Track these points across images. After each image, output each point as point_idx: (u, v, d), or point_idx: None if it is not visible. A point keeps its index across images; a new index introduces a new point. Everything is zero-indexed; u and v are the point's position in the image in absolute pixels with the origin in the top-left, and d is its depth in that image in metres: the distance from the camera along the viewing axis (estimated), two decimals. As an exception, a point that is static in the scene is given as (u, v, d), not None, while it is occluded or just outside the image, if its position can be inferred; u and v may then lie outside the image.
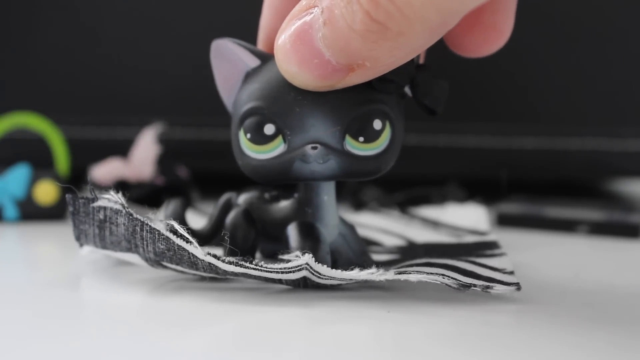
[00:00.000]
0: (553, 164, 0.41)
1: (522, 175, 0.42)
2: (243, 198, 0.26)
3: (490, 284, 0.22)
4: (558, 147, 0.41)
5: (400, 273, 0.22)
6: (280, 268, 0.22)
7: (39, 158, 0.38)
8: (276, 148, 0.22)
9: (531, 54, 0.41)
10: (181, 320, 0.21)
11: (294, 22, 0.21)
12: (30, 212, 0.35)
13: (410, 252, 0.28)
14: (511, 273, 0.24)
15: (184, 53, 0.42)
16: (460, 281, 0.22)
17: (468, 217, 0.34)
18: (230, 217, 0.25)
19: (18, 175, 0.35)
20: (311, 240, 0.23)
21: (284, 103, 0.22)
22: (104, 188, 0.26)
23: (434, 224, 0.33)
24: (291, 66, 0.21)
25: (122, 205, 0.23)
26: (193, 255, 0.22)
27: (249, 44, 0.24)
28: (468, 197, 0.38)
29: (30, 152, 0.39)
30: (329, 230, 0.24)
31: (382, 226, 0.33)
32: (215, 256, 0.22)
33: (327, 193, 0.24)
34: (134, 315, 0.21)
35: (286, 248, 0.23)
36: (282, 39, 0.21)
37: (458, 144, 0.42)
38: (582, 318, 0.21)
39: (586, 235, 0.34)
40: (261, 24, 0.25)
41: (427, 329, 0.20)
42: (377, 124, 0.22)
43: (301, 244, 0.23)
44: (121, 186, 0.37)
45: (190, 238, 0.22)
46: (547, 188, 0.45)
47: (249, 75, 0.23)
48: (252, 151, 0.23)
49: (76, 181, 0.31)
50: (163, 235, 0.22)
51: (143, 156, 0.39)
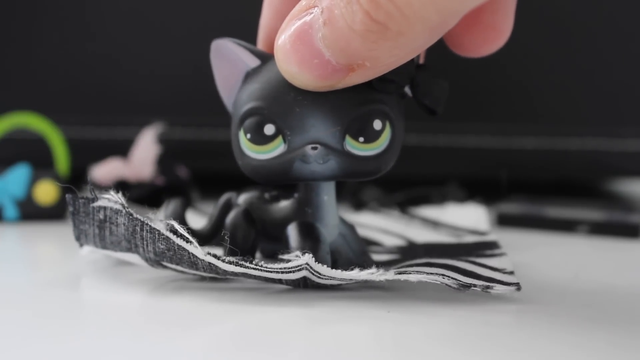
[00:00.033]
0: (553, 164, 0.41)
1: (522, 175, 0.41)
2: (243, 198, 0.26)
3: (490, 284, 0.22)
4: (558, 147, 0.41)
5: (400, 273, 0.22)
6: (280, 268, 0.22)
7: (39, 158, 0.38)
8: (276, 148, 0.22)
9: (531, 54, 0.41)
10: (181, 320, 0.21)
11: (294, 22, 0.21)
12: (30, 212, 0.35)
13: (410, 252, 0.28)
14: (511, 273, 0.24)
15: (184, 53, 0.42)
16: (460, 281, 0.22)
17: (468, 217, 0.34)
18: (230, 217, 0.25)
19: (18, 175, 0.35)
20: (311, 240, 0.23)
21: (284, 103, 0.22)
22: (104, 188, 0.26)
23: (434, 224, 0.33)
24: (291, 66, 0.21)
25: (122, 205, 0.23)
26: (193, 255, 0.22)
27: (249, 44, 0.24)
28: (468, 197, 0.38)
29: (30, 152, 0.39)
30: (329, 230, 0.24)
31: (382, 226, 0.33)
32: (215, 256, 0.22)
33: (327, 193, 0.24)
34: (134, 315, 0.21)
35: (286, 248, 0.23)
36: (282, 39, 0.21)
37: (458, 144, 0.42)
38: (582, 318, 0.21)
39: (586, 235, 0.34)
40: (261, 24, 0.25)
41: (427, 329, 0.20)
42: (377, 124, 0.22)
43: (301, 244, 0.23)
44: (121, 186, 0.37)
45: (190, 238, 0.22)
46: (547, 188, 0.45)
47: (249, 75, 0.23)
48: (252, 151, 0.23)
49: (76, 181, 0.31)
50: (163, 235, 0.22)
51: (143, 156, 0.39)
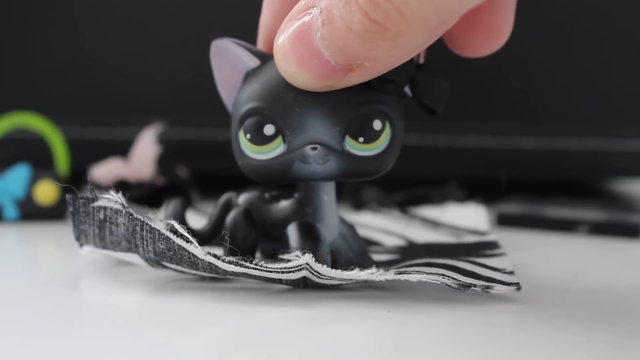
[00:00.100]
0: (553, 164, 0.41)
1: (522, 175, 0.41)
2: (243, 198, 0.26)
3: (490, 284, 0.22)
4: (558, 147, 0.41)
5: (400, 273, 0.22)
6: (280, 268, 0.22)
7: (39, 158, 0.38)
8: (276, 148, 0.22)
9: (531, 54, 0.41)
10: (181, 320, 0.21)
11: (293, 23, 0.21)
12: (30, 212, 0.35)
13: (410, 252, 0.28)
14: (511, 273, 0.24)
15: (184, 53, 0.42)
16: (460, 281, 0.22)
17: (468, 217, 0.34)
18: (230, 217, 0.25)
19: (18, 175, 0.35)
20: (311, 240, 0.23)
21: (284, 103, 0.22)
22: (104, 188, 0.26)
23: (434, 224, 0.33)
24: (290, 66, 0.21)
25: (122, 205, 0.23)
26: (193, 255, 0.22)
27: (249, 44, 0.24)
28: (468, 197, 0.38)
29: (30, 152, 0.39)
30: (329, 230, 0.24)
31: (382, 226, 0.33)
32: (215, 256, 0.22)
33: (327, 193, 0.24)
34: (134, 315, 0.21)
35: (286, 248, 0.23)
36: (281, 40, 0.21)
37: (458, 144, 0.42)
38: (582, 318, 0.21)
39: (586, 235, 0.34)
40: (261, 24, 0.25)
41: (427, 329, 0.20)
42: (377, 124, 0.22)
43: (301, 244, 0.23)
44: (121, 186, 0.37)
45: (190, 238, 0.22)
46: (547, 188, 0.45)
47: (249, 75, 0.23)
48: (252, 151, 0.23)
49: (76, 181, 0.31)
50: (163, 235, 0.22)
51: (143, 156, 0.39)
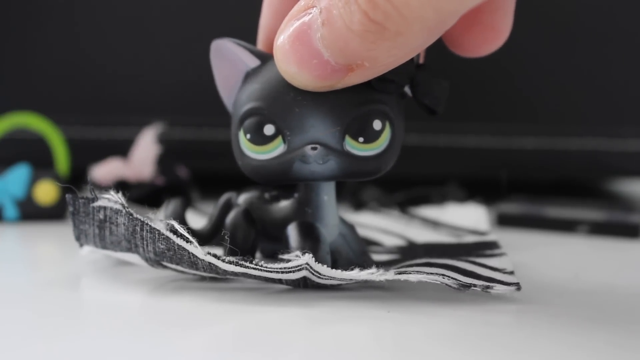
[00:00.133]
0: (553, 164, 0.41)
1: (522, 175, 0.41)
2: (243, 198, 0.26)
3: (490, 284, 0.22)
4: (558, 147, 0.41)
5: (400, 273, 0.22)
6: (280, 268, 0.22)
7: (39, 158, 0.38)
8: (276, 148, 0.22)
9: (531, 54, 0.41)
10: (181, 320, 0.21)
11: (293, 23, 0.21)
12: (30, 212, 0.35)
13: (410, 252, 0.28)
14: (511, 273, 0.24)
15: (184, 53, 0.42)
16: (460, 281, 0.22)
17: (468, 217, 0.34)
18: (230, 217, 0.25)
19: (18, 175, 0.35)
20: (311, 240, 0.23)
21: (284, 103, 0.22)
22: (104, 188, 0.26)
23: (434, 224, 0.33)
24: (290, 66, 0.21)
25: (122, 205, 0.23)
26: (193, 255, 0.22)
27: (249, 44, 0.24)
28: (468, 197, 0.38)
29: (30, 152, 0.39)
30: (329, 230, 0.24)
31: (382, 226, 0.33)
32: (215, 256, 0.22)
33: (327, 193, 0.24)
34: (134, 315, 0.21)
35: (286, 248, 0.23)
36: (281, 40, 0.21)
37: (458, 144, 0.42)
38: (582, 318, 0.21)
39: (586, 235, 0.34)
40: (261, 24, 0.25)
41: (427, 329, 0.20)
42: (377, 124, 0.22)
43: (301, 244, 0.23)
44: (121, 186, 0.37)
45: (190, 238, 0.22)
46: (547, 188, 0.45)
47: (249, 75, 0.23)
48: (252, 152, 0.23)
49: (76, 181, 0.31)
50: (163, 235, 0.22)
51: (143, 156, 0.39)
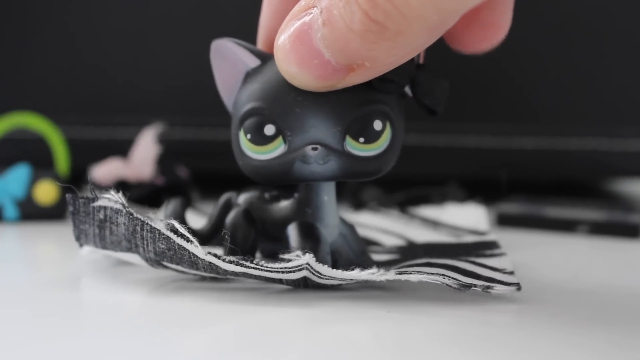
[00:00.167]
0: (553, 164, 0.41)
1: (522, 175, 0.41)
2: (243, 198, 0.26)
3: (490, 284, 0.22)
4: (558, 147, 0.41)
5: (401, 273, 0.22)
6: (281, 268, 0.22)
7: (39, 158, 0.38)
8: (276, 149, 0.22)
9: (531, 54, 0.41)
10: (181, 320, 0.21)
11: (293, 23, 0.21)
12: (30, 212, 0.35)
13: (410, 252, 0.28)
14: (511, 273, 0.24)
15: (184, 53, 0.42)
16: (460, 281, 0.22)
17: (468, 217, 0.34)
18: (230, 217, 0.25)
19: (18, 175, 0.35)
20: (312, 240, 0.23)
21: (285, 103, 0.22)
22: (104, 188, 0.26)
23: (434, 224, 0.33)
24: (291, 67, 0.21)
25: (123, 204, 0.23)
26: (193, 254, 0.22)
27: (249, 44, 0.24)
28: (468, 197, 0.38)
29: (30, 152, 0.39)
30: (329, 230, 0.24)
31: (382, 226, 0.33)
32: (215, 255, 0.22)
33: (328, 193, 0.24)
34: (134, 315, 0.21)
35: (286, 248, 0.23)
36: (282, 40, 0.21)
37: (458, 144, 0.42)
38: (582, 318, 0.21)
39: (586, 235, 0.34)
40: (260, 24, 0.25)
41: (428, 329, 0.20)
42: (378, 125, 0.22)
43: (301, 244, 0.23)
44: (121, 186, 0.37)
45: (191, 237, 0.22)
46: (547, 188, 0.45)
47: (249, 75, 0.23)
48: (253, 152, 0.23)
49: (76, 181, 0.31)
50: (164, 234, 0.22)
51: (143, 156, 0.39)
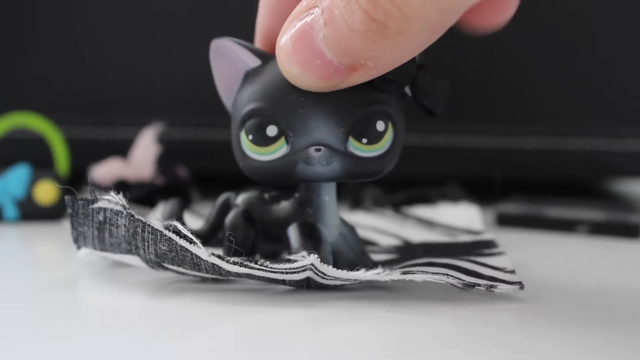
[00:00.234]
0: (553, 164, 0.41)
1: (522, 175, 0.41)
2: (242, 198, 0.25)
3: (493, 283, 0.22)
4: (558, 147, 0.41)
5: (405, 273, 0.22)
6: (285, 268, 0.22)
7: (39, 158, 0.38)
8: (279, 150, 0.22)
9: (531, 54, 0.41)
10: (182, 321, 0.21)
11: (295, 23, 0.21)
12: (30, 212, 0.35)
13: (408, 252, 0.28)
14: (512, 272, 0.24)
15: (184, 53, 0.42)
16: (464, 281, 0.22)
17: (461, 217, 0.34)
18: (229, 218, 0.25)
19: (18, 175, 0.35)
20: (313, 240, 0.23)
21: (287, 104, 0.22)
22: (104, 188, 0.26)
23: (428, 224, 0.33)
24: (293, 67, 0.21)
25: (123, 206, 0.23)
26: (196, 256, 0.22)
27: (249, 44, 0.24)
28: (468, 197, 0.38)
29: (30, 152, 0.39)
30: (330, 230, 0.24)
31: (377, 225, 0.33)
32: (219, 256, 0.22)
33: (328, 193, 0.24)
34: (135, 316, 0.21)
35: (287, 249, 0.23)
36: (284, 40, 0.21)
37: (458, 144, 0.42)
38: (582, 318, 0.21)
39: (586, 235, 0.34)
40: (258, 24, 0.25)
41: (429, 329, 0.20)
42: (380, 125, 0.22)
43: (303, 245, 0.23)
44: (121, 186, 0.37)
45: (193, 238, 0.22)
46: (547, 188, 0.45)
47: (249, 75, 0.23)
48: (254, 152, 0.23)
49: (76, 181, 0.31)
50: (165, 236, 0.22)
51: (143, 156, 0.38)
